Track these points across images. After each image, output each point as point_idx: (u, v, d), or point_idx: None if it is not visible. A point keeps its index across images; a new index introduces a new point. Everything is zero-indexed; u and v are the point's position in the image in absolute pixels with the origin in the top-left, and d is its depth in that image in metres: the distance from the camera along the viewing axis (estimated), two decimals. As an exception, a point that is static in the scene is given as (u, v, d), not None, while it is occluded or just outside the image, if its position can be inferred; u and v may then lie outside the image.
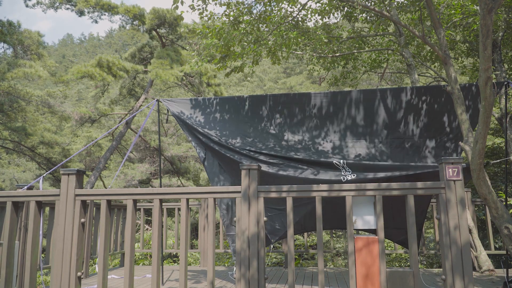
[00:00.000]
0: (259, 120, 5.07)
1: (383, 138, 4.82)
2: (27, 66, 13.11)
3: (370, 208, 3.84)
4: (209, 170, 5.25)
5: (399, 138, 4.79)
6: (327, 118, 4.95)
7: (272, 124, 5.04)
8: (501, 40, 6.49)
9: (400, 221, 4.88)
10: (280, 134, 4.99)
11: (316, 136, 4.95)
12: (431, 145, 4.72)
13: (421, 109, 4.80)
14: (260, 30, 5.90)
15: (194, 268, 6.84)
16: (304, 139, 4.95)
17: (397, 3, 6.59)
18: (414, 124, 4.78)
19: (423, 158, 4.67)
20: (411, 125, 4.78)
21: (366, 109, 4.88)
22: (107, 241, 3.82)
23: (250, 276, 3.56)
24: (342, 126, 4.93)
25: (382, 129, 4.83)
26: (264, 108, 5.08)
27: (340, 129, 4.93)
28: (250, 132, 5.04)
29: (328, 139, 4.92)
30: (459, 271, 3.34)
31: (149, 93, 15.97)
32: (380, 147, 4.79)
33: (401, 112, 4.83)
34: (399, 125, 4.81)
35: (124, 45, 54.32)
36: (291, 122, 5.00)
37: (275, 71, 32.72)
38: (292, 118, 5.01)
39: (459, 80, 13.25)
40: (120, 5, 15.31)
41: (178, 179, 17.94)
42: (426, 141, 4.75)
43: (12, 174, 15.66)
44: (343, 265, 13.44)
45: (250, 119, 5.08)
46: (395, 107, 4.86)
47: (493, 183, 8.13)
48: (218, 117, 5.13)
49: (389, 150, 4.77)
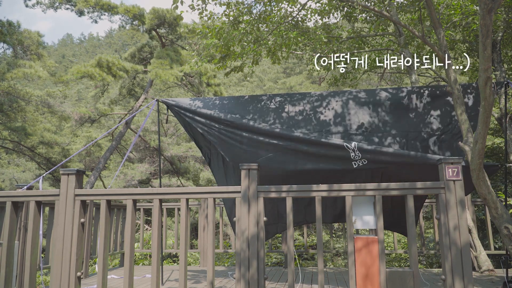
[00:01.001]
0: (258, 101, 5.10)
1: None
2: (27, 66, 13.11)
3: (369, 208, 3.84)
4: (215, 171, 5.28)
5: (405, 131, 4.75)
6: (328, 94, 4.98)
7: (272, 102, 5.05)
8: (501, 40, 6.49)
9: (398, 212, 4.94)
10: (281, 108, 4.99)
11: (317, 106, 4.93)
12: (436, 142, 4.69)
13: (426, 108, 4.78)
14: (260, 30, 5.89)
15: (194, 268, 6.84)
16: (305, 109, 4.92)
17: (397, 3, 6.59)
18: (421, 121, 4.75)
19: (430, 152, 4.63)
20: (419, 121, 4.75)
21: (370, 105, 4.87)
22: (106, 241, 3.81)
23: (250, 276, 3.56)
24: (344, 98, 4.91)
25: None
26: (264, 97, 5.12)
27: (342, 100, 4.90)
28: (250, 110, 5.05)
29: (329, 107, 4.90)
30: (459, 271, 3.34)
31: (149, 93, 15.97)
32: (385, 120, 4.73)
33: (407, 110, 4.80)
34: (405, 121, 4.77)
35: (124, 45, 54.32)
36: (291, 99, 5.03)
37: (275, 71, 32.73)
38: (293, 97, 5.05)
39: (459, 80, 13.25)
40: (120, 5, 15.32)
41: (177, 179, 17.94)
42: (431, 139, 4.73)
43: (12, 174, 15.66)
44: (343, 265, 13.44)
45: (251, 105, 5.11)
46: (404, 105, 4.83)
47: (492, 183, 8.13)
48: (218, 114, 5.13)
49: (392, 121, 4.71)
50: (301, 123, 4.82)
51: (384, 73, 10.85)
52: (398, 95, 4.85)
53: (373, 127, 4.70)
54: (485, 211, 6.30)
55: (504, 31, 6.47)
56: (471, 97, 4.74)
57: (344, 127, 4.73)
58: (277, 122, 4.86)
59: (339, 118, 4.82)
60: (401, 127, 4.70)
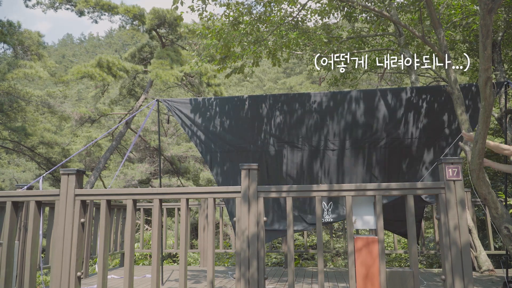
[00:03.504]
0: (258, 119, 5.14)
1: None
2: (27, 67, 13.12)
3: (370, 208, 3.84)
4: (214, 171, 5.30)
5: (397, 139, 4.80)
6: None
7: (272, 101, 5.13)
8: (501, 40, 6.49)
9: (401, 213, 4.94)
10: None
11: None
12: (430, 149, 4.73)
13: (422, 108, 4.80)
14: (260, 31, 5.90)
15: (194, 268, 6.84)
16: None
17: (397, 3, 6.59)
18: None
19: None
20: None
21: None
22: (107, 241, 3.81)
23: (250, 276, 3.56)
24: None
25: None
26: (264, 106, 5.13)
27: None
28: (247, 130, 5.10)
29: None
30: (459, 271, 3.34)
31: (149, 93, 15.98)
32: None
33: (401, 111, 4.82)
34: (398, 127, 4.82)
35: (124, 45, 54.33)
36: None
37: (275, 71, 32.74)
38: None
39: (459, 80, 13.25)
40: (120, 5, 15.32)
41: (178, 179, 17.94)
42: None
43: (12, 174, 15.66)
44: (343, 265, 13.44)
45: (250, 119, 5.12)
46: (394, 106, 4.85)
47: (493, 183, 8.12)
48: (217, 115, 5.14)
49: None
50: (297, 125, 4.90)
51: (384, 73, 10.85)
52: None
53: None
54: (485, 211, 6.30)
55: (504, 31, 6.47)
56: (471, 97, 4.75)
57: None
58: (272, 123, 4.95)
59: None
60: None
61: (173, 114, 5.16)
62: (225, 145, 5.17)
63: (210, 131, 5.09)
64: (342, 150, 4.93)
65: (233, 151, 5.09)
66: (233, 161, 5.13)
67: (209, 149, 5.30)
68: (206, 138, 5.08)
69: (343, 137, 4.92)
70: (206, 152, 5.33)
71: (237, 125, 5.16)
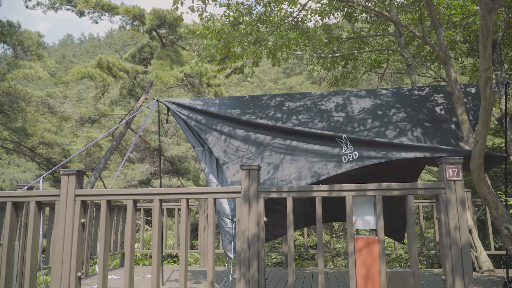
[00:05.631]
0: (259, 100, 5.15)
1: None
2: (27, 67, 13.12)
3: (370, 208, 3.84)
4: (207, 170, 5.28)
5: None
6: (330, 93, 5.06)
7: (272, 101, 5.12)
8: (501, 40, 6.49)
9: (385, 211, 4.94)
10: (281, 104, 5.04)
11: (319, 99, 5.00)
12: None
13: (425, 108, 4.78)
14: (260, 31, 5.90)
15: (194, 268, 6.84)
16: (306, 103, 4.96)
17: (397, 3, 6.59)
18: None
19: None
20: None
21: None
22: (107, 241, 3.81)
23: (250, 276, 3.56)
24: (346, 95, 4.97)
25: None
26: (266, 105, 5.14)
27: (344, 97, 4.94)
28: (250, 106, 5.10)
29: (332, 99, 4.94)
30: (459, 272, 3.34)
31: (149, 94, 15.99)
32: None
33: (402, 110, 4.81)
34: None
35: (124, 45, 54.35)
36: (291, 98, 5.09)
37: (275, 72, 32.74)
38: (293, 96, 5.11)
39: (459, 80, 13.26)
40: (120, 5, 15.32)
41: (178, 180, 17.94)
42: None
43: (12, 174, 15.66)
44: (343, 266, 13.44)
45: (251, 103, 5.15)
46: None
47: (493, 183, 8.12)
48: (218, 115, 5.13)
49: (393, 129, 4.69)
50: (302, 112, 4.85)
51: (384, 73, 10.85)
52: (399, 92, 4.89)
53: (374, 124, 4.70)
54: (486, 211, 6.30)
55: (505, 31, 6.46)
56: (471, 97, 4.74)
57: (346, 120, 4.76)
58: (278, 113, 4.90)
59: (340, 112, 4.85)
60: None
61: (172, 114, 5.16)
62: (225, 146, 5.16)
63: (207, 129, 5.08)
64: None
65: (231, 120, 5.11)
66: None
67: (204, 146, 5.31)
68: (202, 136, 5.08)
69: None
70: (201, 150, 5.35)
71: (238, 125, 5.15)
